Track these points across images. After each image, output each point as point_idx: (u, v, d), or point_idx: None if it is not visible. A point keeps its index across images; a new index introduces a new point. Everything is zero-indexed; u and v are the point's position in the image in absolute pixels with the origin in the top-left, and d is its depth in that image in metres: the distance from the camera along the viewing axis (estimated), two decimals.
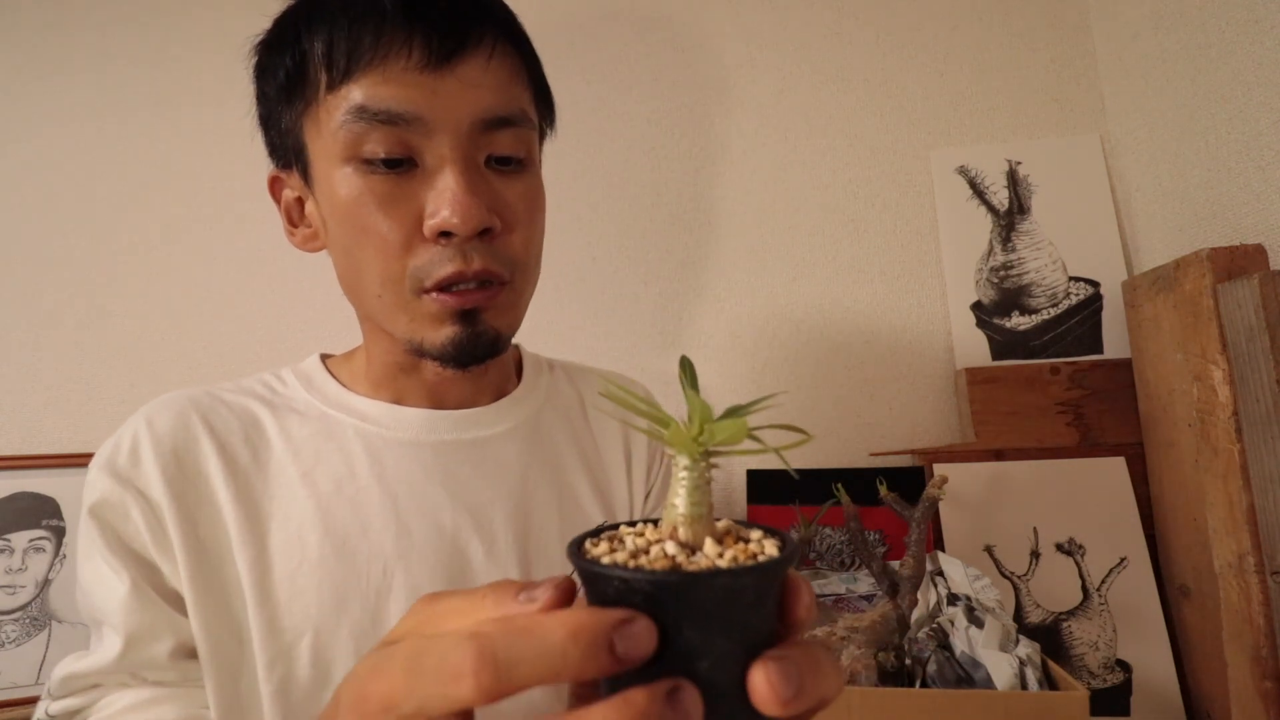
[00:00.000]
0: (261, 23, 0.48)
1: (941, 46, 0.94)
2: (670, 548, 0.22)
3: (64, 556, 0.86)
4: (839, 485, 0.65)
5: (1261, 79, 0.65)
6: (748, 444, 0.23)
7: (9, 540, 0.85)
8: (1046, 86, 0.92)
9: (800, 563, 0.65)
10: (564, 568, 0.52)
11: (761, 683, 0.20)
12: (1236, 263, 0.64)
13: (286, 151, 0.47)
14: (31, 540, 0.85)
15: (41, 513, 0.86)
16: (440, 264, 0.43)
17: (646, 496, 0.60)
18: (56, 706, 0.43)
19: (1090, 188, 0.88)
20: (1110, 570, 0.74)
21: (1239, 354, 0.61)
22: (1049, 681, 0.51)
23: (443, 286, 0.43)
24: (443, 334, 0.44)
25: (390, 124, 0.41)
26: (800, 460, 0.89)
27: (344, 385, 0.52)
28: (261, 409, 0.50)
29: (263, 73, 0.47)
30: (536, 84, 0.49)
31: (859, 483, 0.68)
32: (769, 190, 0.95)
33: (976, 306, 0.88)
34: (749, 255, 0.94)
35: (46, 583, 0.85)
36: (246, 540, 0.45)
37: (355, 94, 0.41)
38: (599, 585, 0.21)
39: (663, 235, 0.95)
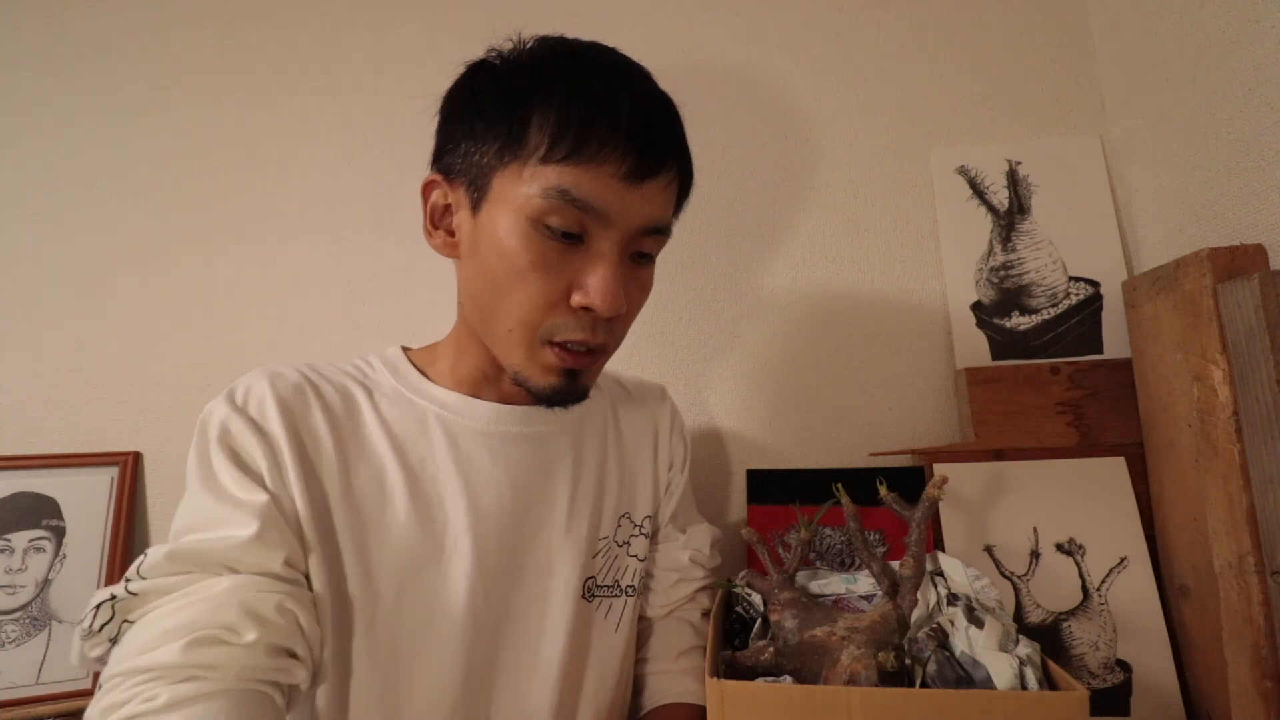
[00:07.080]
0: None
1: (941, 46, 0.94)
2: None
3: (64, 556, 0.86)
4: (839, 485, 0.65)
5: (1261, 79, 0.65)
6: None
7: (9, 540, 0.85)
8: (1046, 86, 0.92)
9: (800, 563, 0.65)
10: (593, 540, 0.61)
11: None
12: (1236, 263, 0.63)
13: (460, 172, 0.52)
14: (31, 540, 0.85)
15: (41, 513, 0.86)
16: (573, 329, 0.50)
17: (667, 487, 0.71)
18: (139, 585, 0.45)
19: (1090, 188, 0.88)
20: (1110, 570, 0.74)
21: (1239, 354, 0.61)
22: (1049, 681, 0.51)
23: (564, 344, 0.51)
24: (548, 380, 0.52)
25: (581, 210, 0.48)
26: (800, 460, 0.89)
27: (425, 376, 0.59)
28: (356, 388, 0.57)
29: (476, 112, 0.51)
30: (681, 201, 0.57)
31: (859, 483, 0.67)
32: (769, 190, 0.95)
33: (976, 306, 0.88)
34: (749, 255, 0.94)
35: (46, 583, 0.85)
36: (349, 497, 0.52)
37: (565, 178, 0.47)
38: None
39: None
